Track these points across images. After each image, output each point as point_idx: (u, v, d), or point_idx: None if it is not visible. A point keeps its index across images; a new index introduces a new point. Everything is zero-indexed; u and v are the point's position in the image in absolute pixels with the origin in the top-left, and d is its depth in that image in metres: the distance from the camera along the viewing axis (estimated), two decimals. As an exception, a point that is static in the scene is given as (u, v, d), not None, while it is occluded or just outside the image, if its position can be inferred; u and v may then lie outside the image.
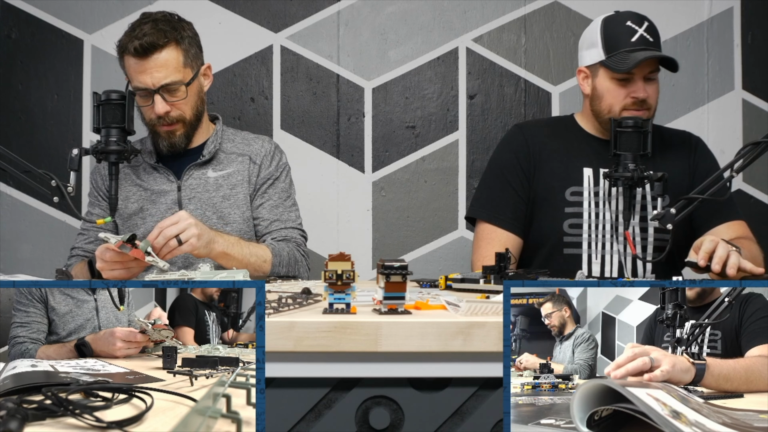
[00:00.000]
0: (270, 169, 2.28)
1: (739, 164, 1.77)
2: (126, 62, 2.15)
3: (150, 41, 2.10)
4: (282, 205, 2.29)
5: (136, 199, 2.24)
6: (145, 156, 2.26)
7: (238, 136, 2.33)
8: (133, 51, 2.10)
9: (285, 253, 2.16)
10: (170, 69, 2.13)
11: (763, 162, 1.94)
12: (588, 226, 2.14)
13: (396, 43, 2.84)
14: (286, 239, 2.24)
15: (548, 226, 2.17)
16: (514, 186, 2.20)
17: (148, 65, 2.11)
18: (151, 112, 2.16)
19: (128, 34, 2.14)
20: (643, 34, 2.10)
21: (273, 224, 2.26)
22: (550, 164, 2.20)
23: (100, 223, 1.86)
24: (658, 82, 2.14)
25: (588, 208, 2.14)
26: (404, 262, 1.33)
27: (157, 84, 2.12)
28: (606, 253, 2.13)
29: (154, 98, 2.13)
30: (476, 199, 2.29)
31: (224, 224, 2.21)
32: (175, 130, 2.19)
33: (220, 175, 2.25)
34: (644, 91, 2.10)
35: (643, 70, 2.10)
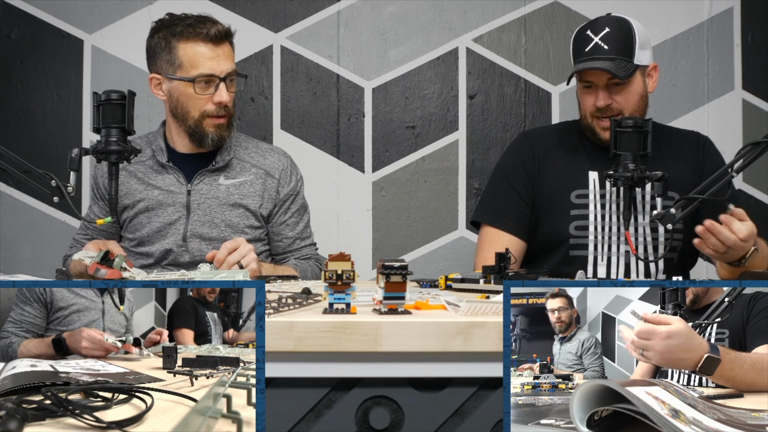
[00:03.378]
0: (291, 185, 2.29)
1: (739, 164, 1.77)
2: (188, 48, 2.13)
3: (225, 30, 2.16)
4: (302, 221, 2.34)
5: (143, 197, 2.23)
6: (156, 153, 2.24)
7: (251, 144, 2.33)
8: (210, 36, 2.12)
9: (309, 273, 2.27)
10: (233, 61, 2.19)
11: (763, 162, 1.94)
12: (594, 228, 2.14)
13: (396, 43, 2.84)
14: (308, 257, 2.33)
15: (554, 228, 2.17)
16: (518, 190, 2.22)
17: (220, 52, 2.15)
18: (207, 101, 2.15)
19: (192, 23, 2.14)
20: (598, 43, 2.11)
21: (295, 243, 2.31)
22: (554, 168, 2.21)
23: (100, 223, 1.86)
24: (636, 84, 2.12)
25: (594, 210, 2.15)
26: (404, 262, 1.33)
27: (225, 72, 2.15)
28: (612, 255, 2.14)
29: (218, 86, 2.13)
30: (481, 203, 2.31)
31: (232, 232, 2.20)
32: (225, 124, 2.20)
33: (232, 183, 2.24)
34: (605, 99, 2.12)
35: (600, 78, 2.11)
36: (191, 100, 2.16)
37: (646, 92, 2.17)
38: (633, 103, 2.14)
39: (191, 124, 2.18)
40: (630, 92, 2.13)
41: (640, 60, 2.12)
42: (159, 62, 2.18)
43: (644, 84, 2.16)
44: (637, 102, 2.14)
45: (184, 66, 2.14)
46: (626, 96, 2.13)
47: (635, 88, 2.13)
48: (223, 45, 2.16)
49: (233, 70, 2.18)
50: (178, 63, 2.14)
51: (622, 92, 2.12)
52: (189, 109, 2.17)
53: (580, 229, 2.15)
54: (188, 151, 2.25)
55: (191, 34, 2.13)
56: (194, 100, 2.15)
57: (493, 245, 2.18)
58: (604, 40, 2.11)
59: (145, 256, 2.24)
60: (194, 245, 2.21)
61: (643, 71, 2.15)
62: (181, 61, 2.14)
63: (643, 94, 2.16)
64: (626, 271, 2.14)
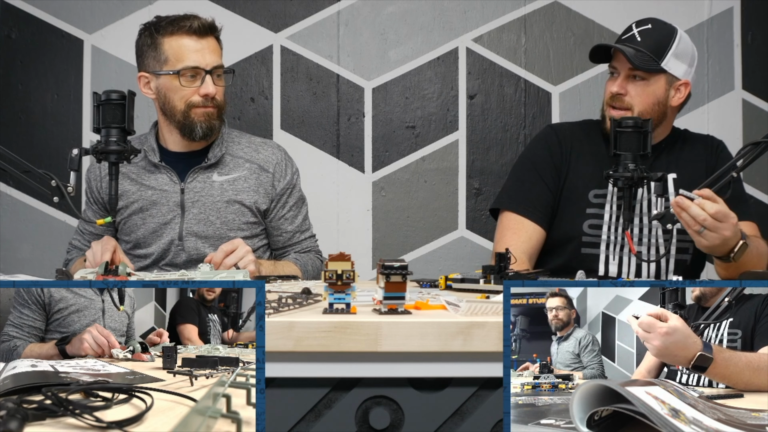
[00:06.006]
0: (287, 179, 2.28)
1: (740, 164, 1.77)
2: (173, 42, 2.14)
3: (209, 24, 2.17)
4: (300, 214, 2.33)
5: (136, 198, 2.22)
6: (148, 153, 2.24)
7: (243, 139, 2.32)
8: (194, 29, 2.14)
9: (309, 266, 2.26)
10: (219, 55, 2.20)
11: (763, 162, 1.94)
12: (607, 227, 2.14)
13: (396, 43, 2.84)
14: (308, 250, 2.32)
15: (568, 224, 2.18)
16: (545, 180, 2.22)
17: (204, 45, 2.16)
18: (194, 93, 2.15)
19: (175, 19, 2.16)
20: (635, 33, 2.13)
21: (295, 236, 2.31)
22: (578, 165, 2.21)
23: (100, 223, 1.86)
24: (655, 87, 2.12)
25: (609, 211, 2.15)
26: (404, 262, 1.33)
27: (211, 65, 2.15)
28: (624, 255, 2.14)
29: (204, 79, 2.14)
30: (505, 191, 2.29)
31: (228, 229, 2.20)
32: (215, 114, 2.19)
33: (225, 179, 2.23)
34: (619, 86, 2.13)
35: (623, 66, 2.13)
36: (177, 93, 2.15)
37: (668, 102, 2.15)
38: (647, 104, 2.12)
39: (179, 117, 2.17)
40: (647, 92, 2.12)
41: (670, 67, 2.11)
42: (146, 60, 2.19)
43: (667, 93, 2.14)
44: (652, 105, 2.13)
45: (170, 60, 2.15)
46: (641, 94, 2.12)
47: (654, 90, 2.12)
48: (207, 38, 2.17)
49: (220, 64, 2.18)
50: (164, 58, 2.15)
51: (639, 88, 2.12)
52: (175, 102, 2.16)
53: (594, 227, 2.16)
54: (180, 149, 2.24)
55: (175, 28, 2.15)
56: (180, 92, 2.15)
57: (517, 233, 2.19)
58: (641, 33, 2.13)
59: (142, 258, 2.23)
60: (190, 244, 2.20)
61: (670, 81, 2.13)
62: (166, 56, 2.15)
63: (662, 101, 2.14)
64: (637, 271, 2.14)
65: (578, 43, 2.83)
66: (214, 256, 1.90)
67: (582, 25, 2.85)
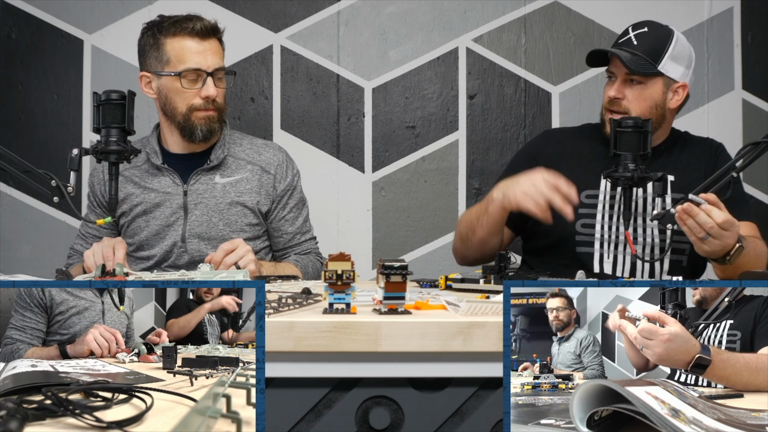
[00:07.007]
0: (288, 180, 2.29)
1: (739, 164, 1.77)
2: (175, 43, 2.14)
3: (212, 25, 2.17)
4: (300, 215, 2.33)
5: (139, 201, 2.23)
6: (151, 156, 2.24)
7: (245, 140, 2.32)
8: (197, 31, 2.14)
9: (310, 268, 2.27)
10: (221, 57, 2.19)
11: (763, 162, 1.94)
12: (600, 226, 2.14)
13: (396, 43, 2.84)
14: (308, 252, 2.33)
15: (561, 225, 2.18)
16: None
17: (207, 46, 2.15)
18: (195, 95, 2.15)
19: (178, 20, 2.16)
20: (631, 37, 2.14)
21: (295, 238, 2.31)
22: (569, 168, 2.20)
23: (100, 223, 1.86)
24: (652, 90, 2.12)
25: (602, 210, 2.15)
26: (404, 262, 1.33)
27: (213, 67, 2.15)
28: (619, 254, 2.14)
29: (205, 81, 2.14)
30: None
31: (230, 231, 2.20)
32: (215, 117, 2.19)
33: (228, 181, 2.23)
34: (616, 90, 2.13)
35: (619, 70, 2.13)
36: (179, 95, 2.16)
37: (665, 105, 2.15)
38: (644, 108, 2.12)
39: (180, 119, 2.17)
40: (644, 96, 2.12)
41: (667, 70, 2.11)
42: (148, 60, 2.19)
43: (664, 96, 2.14)
44: (649, 109, 2.12)
45: (172, 61, 2.15)
46: (638, 98, 2.12)
47: (651, 93, 2.12)
48: (210, 40, 2.17)
49: (221, 66, 2.18)
50: (166, 59, 2.15)
51: (635, 92, 2.12)
52: (177, 104, 2.16)
53: (587, 227, 2.16)
54: (182, 151, 2.24)
55: (178, 29, 2.14)
56: (182, 94, 2.15)
57: None
58: (637, 37, 2.13)
59: (145, 260, 2.24)
60: (193, 246, 2.20)
61: (667, 83, 2.13)
62: (168, 57, 2.15)
63: (660, 104, 2.14)
64: (632, 271, 2.14)
65: (578, 43, 2.83)
66: (214, 255, 1.90)
67: (582, 25, 2.85)
